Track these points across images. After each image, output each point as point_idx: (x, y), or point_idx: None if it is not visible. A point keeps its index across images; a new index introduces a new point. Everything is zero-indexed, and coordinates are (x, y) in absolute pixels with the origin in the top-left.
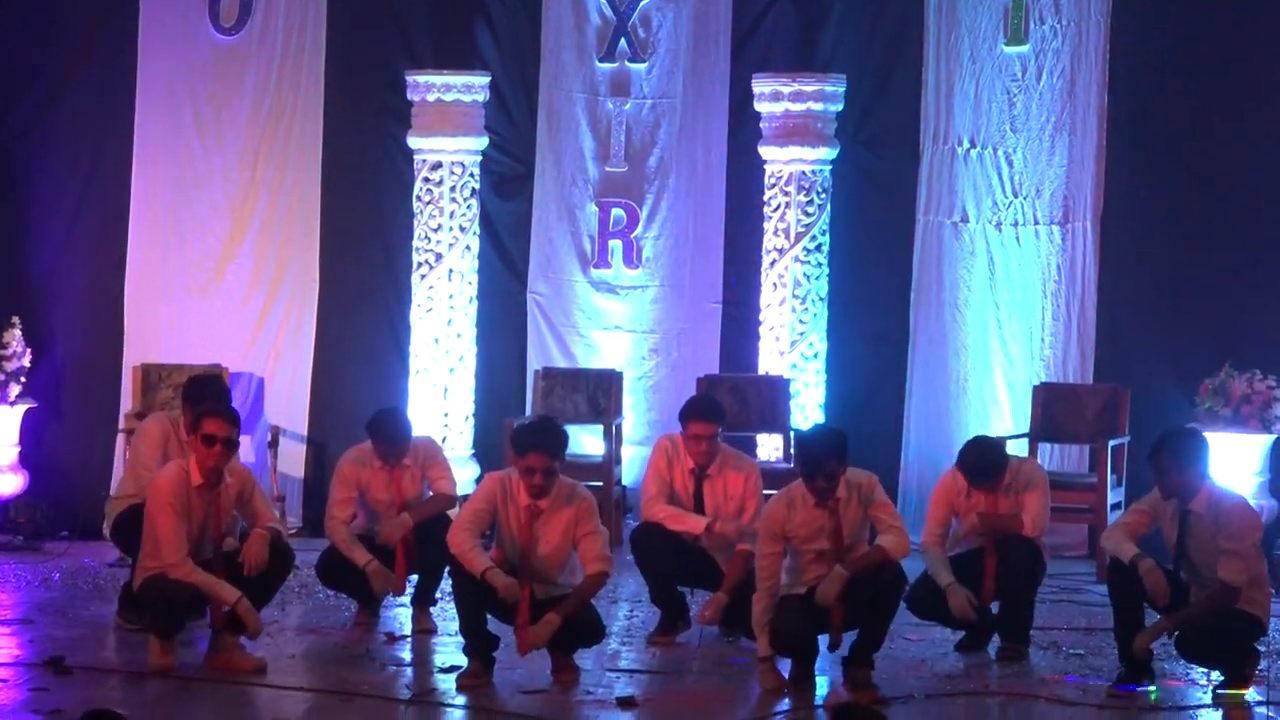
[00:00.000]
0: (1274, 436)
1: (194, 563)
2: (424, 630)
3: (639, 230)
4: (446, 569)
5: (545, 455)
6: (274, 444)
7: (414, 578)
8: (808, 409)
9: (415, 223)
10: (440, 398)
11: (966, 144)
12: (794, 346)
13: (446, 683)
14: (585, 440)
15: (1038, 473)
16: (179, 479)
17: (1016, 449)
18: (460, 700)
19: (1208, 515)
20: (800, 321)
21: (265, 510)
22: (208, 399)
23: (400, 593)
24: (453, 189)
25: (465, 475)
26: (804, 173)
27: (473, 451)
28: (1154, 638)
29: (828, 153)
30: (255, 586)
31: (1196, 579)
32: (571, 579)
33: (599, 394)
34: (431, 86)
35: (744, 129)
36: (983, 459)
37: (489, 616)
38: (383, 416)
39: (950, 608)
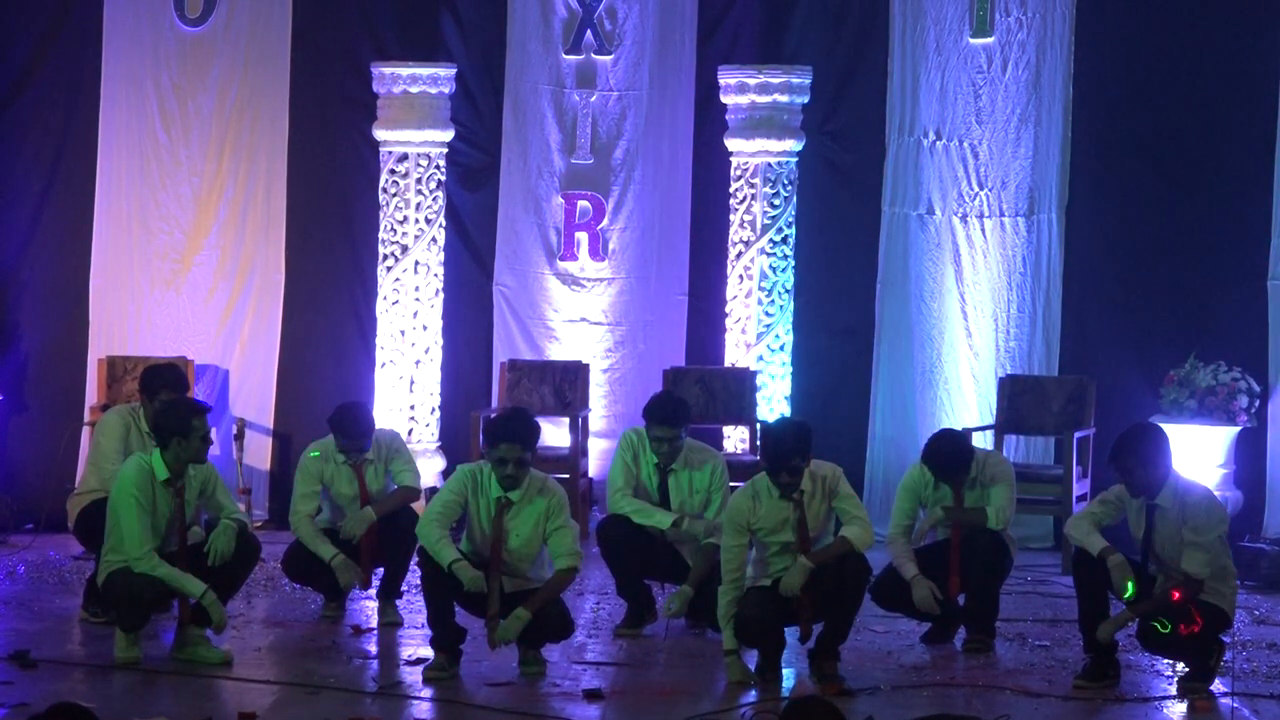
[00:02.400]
0: (1239, 428)
1: (158, 556)
2: (390, 623)
3: (605, 222)
4: (412, 561)
5: (518, 445)
6: (239, 437)
7: (379, 570)
8: (774, 401)
9: (381, 215)
10: (406, 390)
11: (932, 136)
12: (760, 339)
13: (413, 675)
14: (551, 433)
15: (1003, 466)
16: (142, 473)
17: (982, 441)
18: (427, 693)
19: (1173, 509)
20: (766, 314)
21: (229, 503)
22: (165, 388)
23: (366, 586)
24: (418, 181)
25: (431, 468)
26: (770, 165)
27: (439, 444)
28: (1117, 628)
29: (794, 145)
30: (221, 579)
31: (1164, 572)
32: (542, 572)
33: (565, 386)
34: (398, 78)
35: (710, 121)
36: (948, 453)
37: (459, 610)
38: (344, 410)
39: (914, 600)
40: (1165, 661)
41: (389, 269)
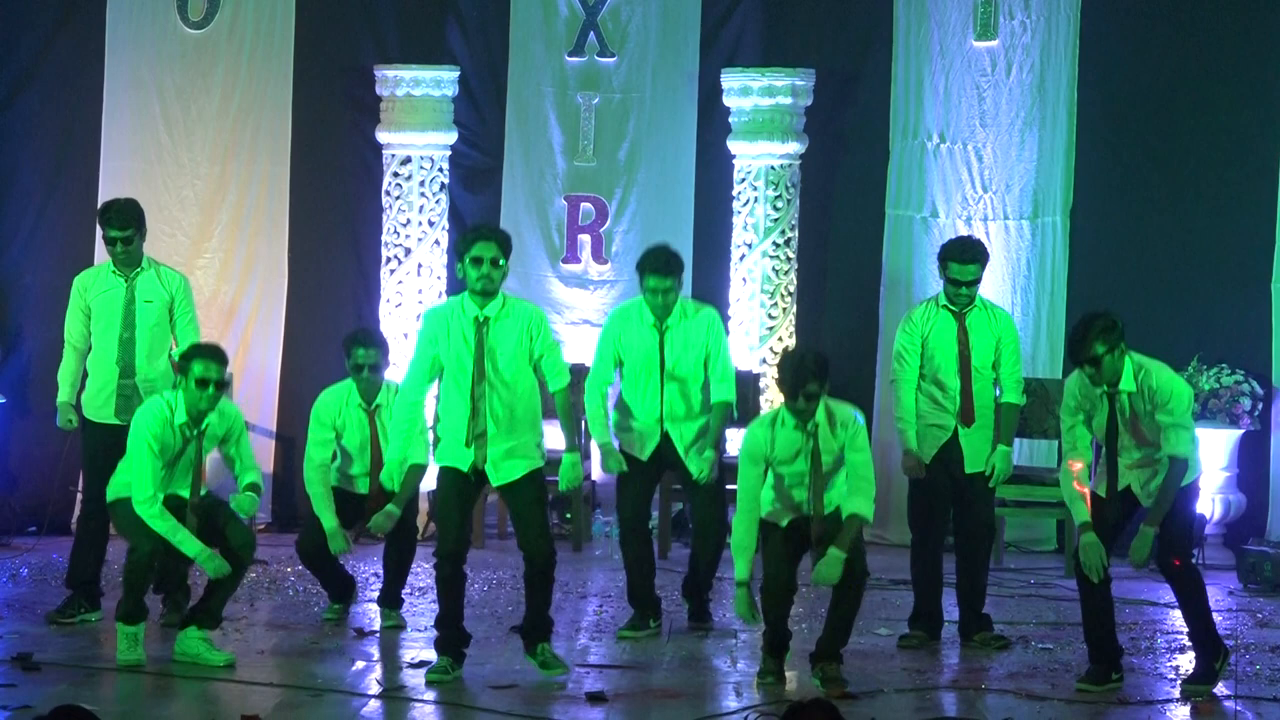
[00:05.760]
0: (1242, 431)
1: (161, 506)
2: (393, 626)
3: (608, 224)
4: (412, 566)
5: (492, 243)
6: None
7: (381, 575)
8: (776, 404)
9: (384, 217)
10: None
11: (936, 139)
12: (763, 341)
13: (416, 678)
14: (554, 436)
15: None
16: (161, 415)
17: None
18: (430, 695)
19: (1139, 391)
20: (769, 316)
21: (248, 458)
22: (108, 225)
23: (349, 550)
24: (422, 183)
25: (434, 470)
26: (773, 167)
27: None
28: (1148, 549)
29: (797, 147)
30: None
31: (1133, 456)
32: (538, 435)
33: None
34: (400, 81)
35: (713, 123)
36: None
37: (447, 604)
38: (359, 329)
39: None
40: (1169, 664)
41: (392, 272)
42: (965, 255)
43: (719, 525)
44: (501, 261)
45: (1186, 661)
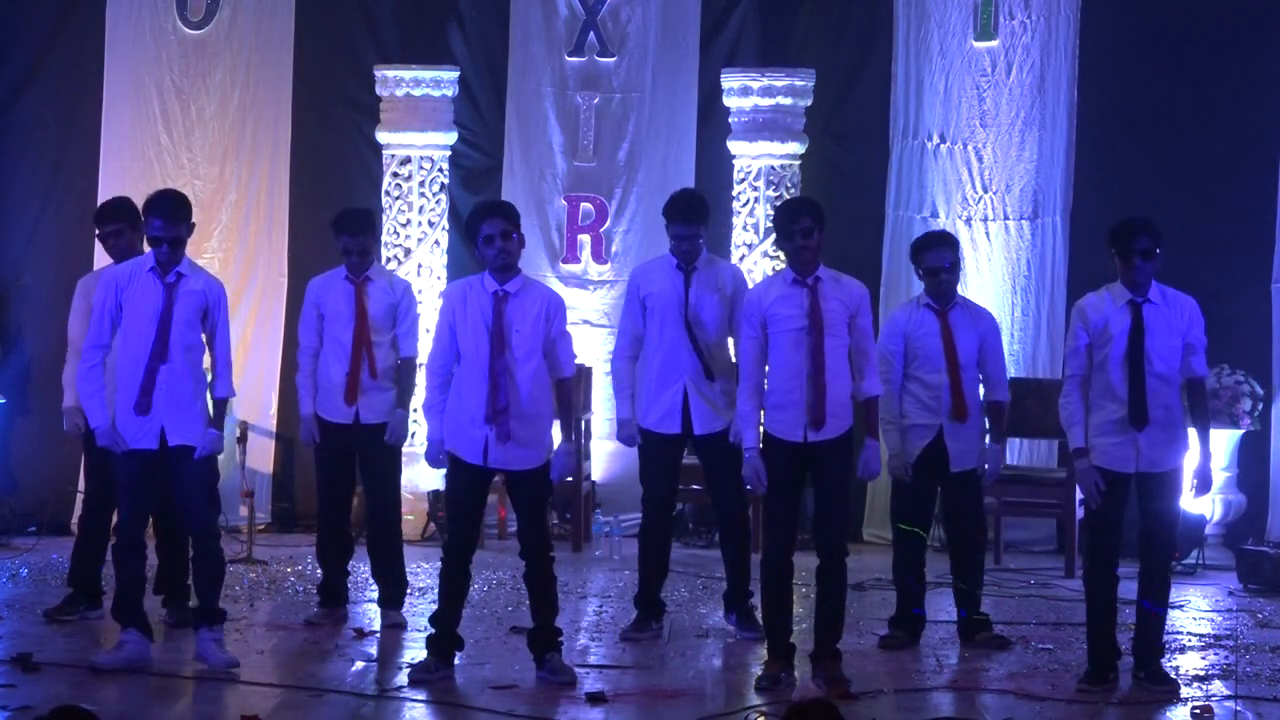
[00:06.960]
0: (1242, 431)
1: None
2: (393, 625)
3: (608, 224)
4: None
5: (499, 219)
6: (242, 439)
7: (377, 587)
8: None
9: (384, 218)
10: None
11: (936, 139)
12: None
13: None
14: (554, 435)
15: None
16: (127, 270)
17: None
18: (430, 696)
19: (1162, 303)
20: None
21: (225, 349)
22: (107, 220)
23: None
24: (422, 184)
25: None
26: (773, 167)
27: None
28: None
29: (797, 147)
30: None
31: (1150, 372)
32: (546, 434)
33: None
34: (400, 81)
35: (713, 123)
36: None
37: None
38: (348, 210)
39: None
40: (1169, 664)
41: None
42: (933, 242)
43: (743, 517)
44: (514, 234)
45: (1186, 661)
